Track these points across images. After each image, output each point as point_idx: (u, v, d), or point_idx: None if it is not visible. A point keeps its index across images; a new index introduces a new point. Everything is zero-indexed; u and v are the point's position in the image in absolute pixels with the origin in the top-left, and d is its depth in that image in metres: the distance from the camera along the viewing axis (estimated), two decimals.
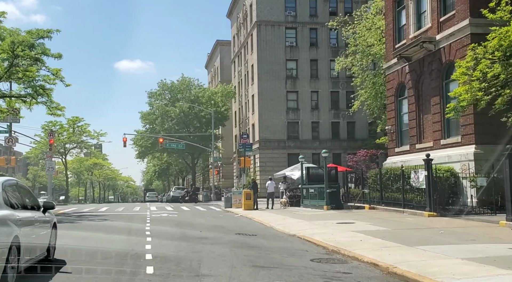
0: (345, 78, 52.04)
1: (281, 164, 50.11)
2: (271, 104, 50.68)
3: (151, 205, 37.41)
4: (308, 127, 51.28)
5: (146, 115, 58.75)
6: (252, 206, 28.19)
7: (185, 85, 57.70)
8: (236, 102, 63.89)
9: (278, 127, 50.72)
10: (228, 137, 66.73)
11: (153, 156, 66.33)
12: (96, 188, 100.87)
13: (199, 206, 36.25)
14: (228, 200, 31.21)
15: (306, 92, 51.18)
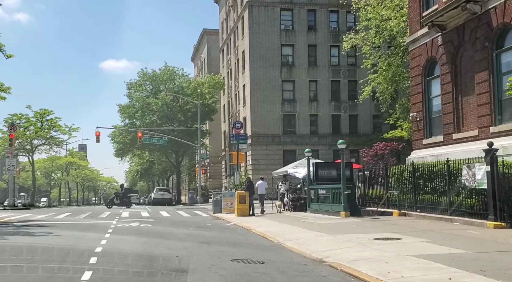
0: (346, 66, 46.80)
1: (276, 161, 44.71)
2: (264, 95, 45.23)
3: (125, 210, 31.72)
4: (306, 121, 45.94)
5: (124, 109, 52.90)
6: (247, 211, 22.73)
7: (168, 75, 51.97)
8: (225, 95, 58.30)
9: (272, 120, 45.30)
10: (216, 133, 61.10)
11: (133, 154, 60.39)
12: (73, 190, 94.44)
13: (182, 210, 30.63)
14: (218, 204, 25.69)
15: (304, 82, 45.81)
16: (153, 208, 37.14)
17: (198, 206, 37.41)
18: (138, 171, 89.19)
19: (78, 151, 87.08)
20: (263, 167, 44.57)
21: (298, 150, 45.36)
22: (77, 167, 79.55)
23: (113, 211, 29.74)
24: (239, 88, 50.34)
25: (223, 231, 16.42)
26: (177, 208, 33.55)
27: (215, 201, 25.98)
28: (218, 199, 25.79)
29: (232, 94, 53.78)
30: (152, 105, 50.68)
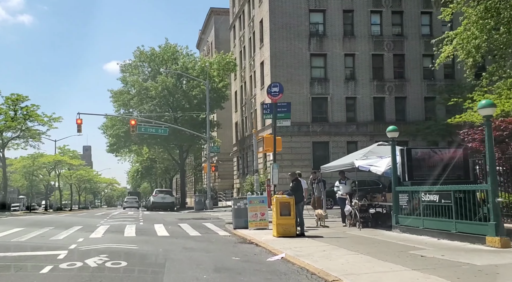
0: (391, 36, 37.74)
1: (304, 156, 35.81)
2: (288, 73, 36.23)
3: (110, 220, 22.94)
4: (341, 105, 36.89)
5: (118, 95, 44.06)
6: (293, 229, 13.78)
7: (170, 54, 43.03)
8: (236, 79, 49.30)
9: (298, 105, 36.26)
10: (225, 127, 52.16)
11: (129, 149, 51.49)
12: (66, 191, 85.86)
13: (187, 222, 21.66)
14: (240, 214, 16.75)
15: (338, 56, 36.78)
16: (149, 216, 28.22)
17: (208, 214, 28.45)
18: (138, 170, 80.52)
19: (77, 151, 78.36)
20: (287, 163, 35.61)
21: (332, 141, 36.40)
22: (69, 166, 70.75)
23: (88, 224, 20.82)
24: (255, 67, 41.33)
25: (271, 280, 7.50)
26: (180, 218, 24.50)
27: (236, 210, 16.95)
28: (241, 207, 16.80)
29: (246, 76, 44.76)
30: (151, 90, 41.79)
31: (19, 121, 37.96)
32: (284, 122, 15.23)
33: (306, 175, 36.00)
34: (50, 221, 23.83)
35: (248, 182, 37.16)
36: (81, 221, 23.90)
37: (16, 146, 41.33)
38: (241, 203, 17.00)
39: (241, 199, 17.06)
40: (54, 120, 40.31)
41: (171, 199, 41.34)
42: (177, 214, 30.32)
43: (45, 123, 39.89)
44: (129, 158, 69.25)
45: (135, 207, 59.35)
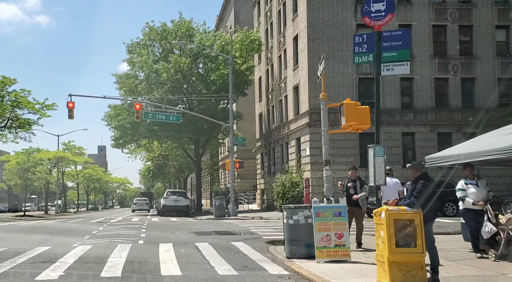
0: (456, 3, 30.66)
1: (348, 150, 29.04)
2: (329, 47, 29.39)
3: (99, 234, 16.47)
4: (395, 88, 29.93)
5: (123, 80, 37.66)
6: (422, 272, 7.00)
7: (184, 30, 36.45)
8: (261, 63, 42.56)
9: (342, 88, 29.46)
10: (246, 121, 45.41)
11: (138, 144, 45.08)
12: (72, 191, 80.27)
13: (208, 239, 15.01)
14: (299, 233, 10.10)
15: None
16: (156, 226, 21.65)
17: (233, 223, 21.80)
18: (150, 169, 74.34)
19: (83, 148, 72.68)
20: None
21: (383, 132, 29.42)
22: (75, 164, 64.86)
23: (61, 242, 14.25)
24: (285, 45, 34.54)
25: None
26: (197, 231, 17.75)
27: (292, 227, 10.16)
28: (300, 223, 10.08)
29: (274, 58, 38.00)
30: (162, 73, 35.30)
31: (3, 108, 31.66)
32: (397, 69, 8.68)
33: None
34: (11, 236, 17.26)
35: (279, 182, 30.39)
36: (58, 233, 17.33)
37: (5, 138, 35.14)
38: (300, 215, 10.23)
39: (299, 209, 10.26)
40: (47, 107, 33.97)
41: (185, 202, 34.79)
42: (192, 223, 23.68)
43: (37, 111, 33.56)
44: (140, 155, 63.15)
45: (145, 209, 52.95)
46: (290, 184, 29.30)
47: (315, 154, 29.02)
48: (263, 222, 22.32)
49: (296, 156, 31.95)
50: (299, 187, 29.11)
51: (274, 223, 21.32)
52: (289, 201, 29.01)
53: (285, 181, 29.71)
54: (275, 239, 14.23)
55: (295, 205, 10.53)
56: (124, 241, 13.90)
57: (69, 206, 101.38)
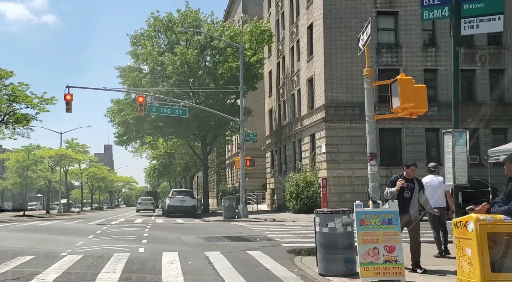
0: None
1: None
2: (347, 36, 27.29)
3: (96, 238, 14.52)
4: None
5: (127, 73, 35.73)
6: None
7: (191, 20, 34.44)
8: (271, 56, 40.49)
9: (361, 79, 27.24)
10: (254, 118, 43.34)
11: (142, 141, 43.14)
12: (77, 190, 78.62)
13: (219, 247, 13.03)
14: (335, 245, 8.03)
15: (413, 15, 27.62)
16: (160, 228, 19.67)
17: (245, 226, 19.78)
18: (156, 168, 72.50)
19: (86, 146, 71.02)
20: (344, 156, 26.84)
21: (405, 128, 27.38)
22: (78, 162, 63.05)
23: (49, 249, 12.26)
24: (298, 35, 32.45)
25: None
26: (206, 236, 15.72)
27: (327, 236, 8.11)
28: (337, 231, 8.03)
29: (286, 50, 35.92)
30: (167, 66, 33.34)
31: (1, 100, 29.78)
32: (485, 25, 6.59)
33: None
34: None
35: (292, 181, 28.36)
36: (48, 238, 15.33)
37: (2, 135, 33.30)
38: (338, 222, 8.16)
39: (336, 215, 8.18)
40: (46, 102, 32.07)
41: (192, 202, 32.80)
42: (200, 225, 21.67)
43: (35, 105, 31.66)
44: (145, 153, 61.32)
45: (150, 209, 51.15)
46: (304, 184, 27.26)
47: (331, 151, 26.96)
48: (278, 225, 20.28)
49: (310, 154, 29.88)
50: (314, 187, 27.08)
51: (291, 226, 19.29)
52: (303, 201, 27.01)
53: (299, 180, 27.68)
54: (297, 247, 12.22)
55: (330, 209, 8.46)
56: (122, 249, 11.90)
57: (75, 205, 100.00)
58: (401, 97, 7.70)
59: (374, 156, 8.37)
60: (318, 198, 26.80)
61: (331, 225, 8.23)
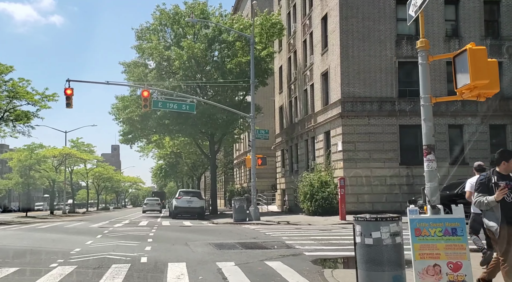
0: None
1: (387, 145, 25.34)
2: (364, 27, 25.69)
3: (94, 245, 13.03)
4: (440, 74, 26.07)
5: (132, 68, 34.29)
6: None
7: (198, 12, 32.93)
8: (282, 50, 38.91)
9: (378, 73, 25.73)
10: (265, 114, 41.83)
11: (148, 140, 41.69)
12: (84, 190, 77.46)
13: (233, 257, 11.46)
14: (380, 260, 6.41)
15: (435, 4, 25.98)
16: (166, 233, 18.14)
17: (258, 230, 18.20)
18: (162, 168, 71.10)
19: (92, 145, 69.68)
20: (362, 155, 25.22)
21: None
22: (83, 162, 61.78)
23: (37, 261, 10.74)
24: (312, 27, 30.84)
25: None
26: (217, 242, 14.15)
27: (370, 248, 6.51)
28: (383, 243, 6.40)
29: (297, 44, 34.31)
30: (174, 60, 31.87)
31: (3, 99, 28.39)
32: None
33: (391, 173, 25.49)
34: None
35: (306, 181, 26.74)
36: (40, 245, 13.80)
37: (3, 133, 31.95)
38: (385, 231, 6.55)
39: (382, 222, 6.58)
40: (47, 98, 30.66)
41: (200, 203, 31.29)
42: (209, 229, 20.11)
43: (36, 102, 30.26)
44: (151, 153, 59.91)
45: (157, 210, 49.77)
46: (319, 184, 25.64)
47: (348, 149, 25.31)
48: (294, 229, 18.68)
49: (324, 152, 28.27)
50: (329, 187, 25.47)
51: (308, 230, 17.69)
52: (318, 203, 25.40)
53: (313, 180, 26.07)
54: (323, 256, 10.65)
55: (374, 216, 6.83)
56: (122, 258, 10.37)
57: (81, 205, 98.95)
58: (472, 73, 6.08)
59: (432, 149, 6.74)
60: (334, 199, 25.20)
61: (376, 235, 6.63)
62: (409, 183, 25.04)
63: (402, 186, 25.08)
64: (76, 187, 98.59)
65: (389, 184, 25.07)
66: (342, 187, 22.11)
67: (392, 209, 23.69)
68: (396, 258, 6.58)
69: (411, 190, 24.75)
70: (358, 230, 6.85)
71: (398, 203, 24.47)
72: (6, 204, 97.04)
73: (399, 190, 24.99)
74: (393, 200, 24.60)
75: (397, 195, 24.82)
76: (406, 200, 24.14)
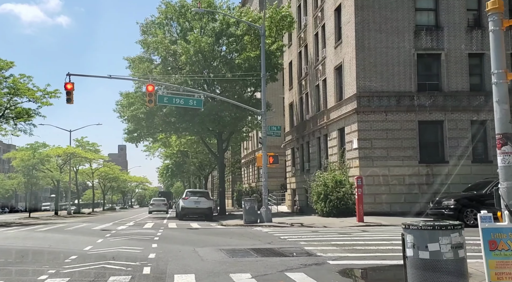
0: None
1: (406, 142, 23.94)
2: (381, 17, 24.29)
3: (93, 250, 11.78)
4: (462, 66, 24.59)
5: (136, 63, 33.06)
6: None
7: (206, 5, 31.62)
8: (292, 45, 37.56)
9: (397, 66, 24.31)
10: (275, 111, 40.48)
11: (154, 139, 40.49)
12: (89, 190, 76.60)
13: (247, 266, 10.15)
14: (435, 272, 5.06)
15: None
16: (173, 236, 16.85)
17: (271, 233, 16.88)
18: (169, 167, 70.06)
19: (97, 144, 68.59)
20: (379, 152, 23.82)
21: (448, 120, 24.21)
22: (89, 162, 60.76)
23: (22, 270, 9.47)
24: (324, 19, 29.47)
25: None
26: (229, 248, 12.89)
27: (426, 263, 5.21)
28: (442, 255, 5.11)
29: (308, 37, 32.95)
30: (180, 55, 30.62)
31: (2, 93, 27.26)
32: None
33: (410, 171, 24.03)
34: None
35: (319, 180, 25.38)
36: (34, 252, 12.50)
37: (4, 131, 30.83)
38: (445, 243, 5.22)
39: (440, 231, 5.25)
40: (49, 95, 29.52)
41: (208, 204, 30.04)
42: (219, 232, 18.80)
43: (38, 99, 29.12)
44: (158, 152, 58.83)
45: (163, 210, 48.63)
46: (333, 184, 24.27)
47: (364, 146, 23.92)
48: (310, 231, 17.34)
49: (338, 150, 26.90)
50: (345, 187, 24.10)
51: (325, 233, 16.35)
52: (332, 203, 24.04)
53: (328, 179, 24.70)
54: (350, 265, 9.33)
55: (431, 223, 5.48)
56: (122, 269, 9.09)
57: (88, 206, 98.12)
58: None
59: (508, 139, 5.35)
60: (350, 200, 23.85)
61: (434, 248, 5.31)
62: (429, 182, 23.62)
63: (421, 185, 23.67)
64: (82, 187, 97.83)
65: (408, 183, 23.67)
66: (359, 187, 20.74)
67: (412, 210, 22.32)
68: (459, 275, 5.27)
69: (432, 189, 23.34)
70: (410, 241, 5.51)
71: (418, 203, 23.07)
72: (13, 204, 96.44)
73: (419, 189, 23.57)
74: (412, 200, 23.19)
75: (417, 195, 23.41)
76: (426, 201, 22.76)
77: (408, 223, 5.60)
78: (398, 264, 9.51)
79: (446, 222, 5.37)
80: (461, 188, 22.47)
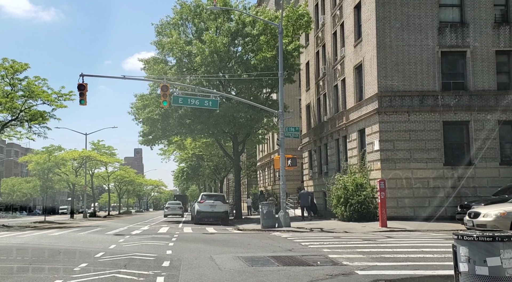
0: None
1: (429, 143, 23.02)
2: (403, 14, 23.38)
3: (105, 257, 11.12)
4: (489, 64, 23.54)
5: (151, 64, 32.61)
6: None
7: (221, 5, 31.00)
8: (309, 45, 36.76)
9: (420, 64, 23.36)
10: (292, 113, 39.66)
11: (169, 141, 39.99)
12: (105, 194, 76.68)
13: (268, 268, 9.39)
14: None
15: None
16: (188, 241, 16.14)
17: (290, 238, 16.07)
18: (184, 170, 69.67)
19: (112, 147, 68.72)
20: (402, 154, 22.89)
21: (474, 121, 23.17)
22: (104, 165, 60.62)
23: (29, 278, 8.82)
24: (343, 17, 28.63)
25: None
26: (247, 255, 12.16)
27: (486, 280, 4.43)
28: (505, 271, 4.29)
29: (326, 37, 32.13)
30: (195, 56, 30.06)
31: (11, 97, 26.93)
32: None
33: (434, 174, 23.01)
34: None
35: (339, 183, 24.52)
36: (40, 261, 11.87)
37: (19, 135, 30.60)
38: (507, 257, 4.42)
39: (501, 242, 4.46)
40: (63, 97, 29.17)
41: (224, 207, 29.35)
42: (236, 237, 18.06)
43: (52, 101, 28.79)
44: (173, 156, 58.48)
45: (179, 214, 48.06)
46: (354, 187, 23.39)
47: (386, 148, 23.00)
48: (332, 237, 16.49)
49: (358, 152, 26.00)
50: (366, 190, 23.20)
51: (348, 239, 15.49)
52: (353, 207, 23.16)
53: (348, 182, 23.82)
54: (381, 276, 8.51)
55: (490, 233, 4.67)
56: (133, 279, 8.41)
57: (105, 209, 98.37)
58: None
59: None
60: (371, 204, 22.97)
61: (495, 263, 4.50)
62: (455, 186, 22.61)
63: (446, 188, 22.66)
64: (99, 190, 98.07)
65: (433, 187, 22.68)
66: (382, 190, 19.83)
67: (437, 215, 21.37)
68: None
69: (458, 193, 22.37)
70: (464, 254, 4.70)
71: (443, 207, 22.12)
72: (32, 207, 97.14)
73: (444, 193, 22.56)
74: (437, 204, 22.22)
75: (442, 198, 22.42)
76: (452, 205, 21.83)
77: (461, 232, 4.79)
78: (433, 274, 8.68)
79: (508, 232, 4.56)
80: (488, 191, 21.47)
